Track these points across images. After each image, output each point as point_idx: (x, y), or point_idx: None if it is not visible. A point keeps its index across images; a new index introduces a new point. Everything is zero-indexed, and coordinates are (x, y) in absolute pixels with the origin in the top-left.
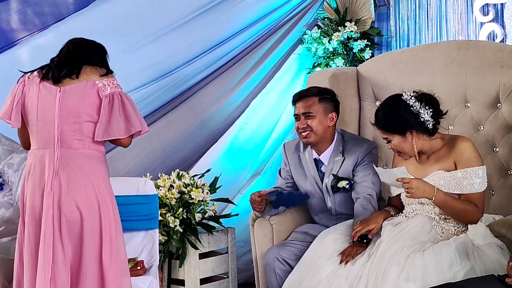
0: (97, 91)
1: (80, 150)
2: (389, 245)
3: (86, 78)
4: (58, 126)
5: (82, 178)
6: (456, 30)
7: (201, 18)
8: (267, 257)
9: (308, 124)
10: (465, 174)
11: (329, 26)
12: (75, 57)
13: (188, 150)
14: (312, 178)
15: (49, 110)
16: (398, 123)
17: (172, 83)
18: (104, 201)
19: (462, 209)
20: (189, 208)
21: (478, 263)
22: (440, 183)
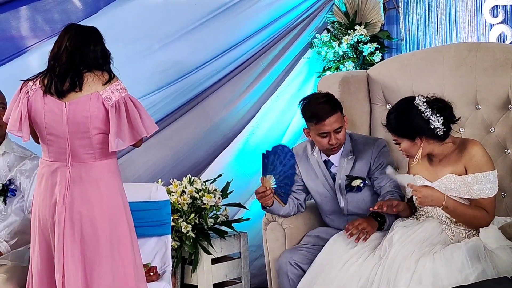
0: (102, 102)
1: (92, 162)
2: (399, 249)
3: (89, 90)
4: (68, 141)
5: (95, 191)
6: (466, 32)
7: (210, 24)
8: (279, 261)
9: (338, 138)
10: (475, 179)
11: (339, 30)
12: (74, 63)
13: (198, 156)
14: (324, 178)
15: (57, 125)
16: (408, 128)
17: (181, 90)
18: (117, 212)
19: (472, 215)
20: (201, 213)
21: (490, 266)
22: (450, 187)
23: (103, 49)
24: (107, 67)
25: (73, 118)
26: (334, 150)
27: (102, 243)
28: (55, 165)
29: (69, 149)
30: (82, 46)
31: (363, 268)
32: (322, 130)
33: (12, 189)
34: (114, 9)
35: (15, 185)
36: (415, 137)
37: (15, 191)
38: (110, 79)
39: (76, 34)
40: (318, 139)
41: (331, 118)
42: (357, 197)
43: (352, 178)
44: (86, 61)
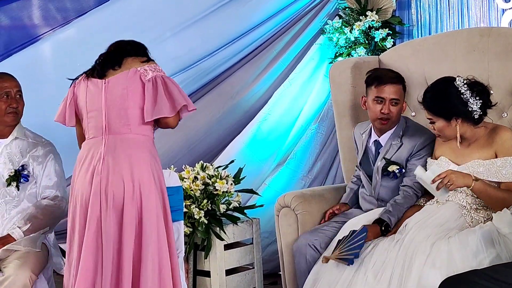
0: (140, 76)
1: (127, 135)
2: (416, 233)
3: (128, 67)
4: (105, 114)
5: (126, 163)
6: (478, 18)
7: (221, 11)
8: (299, 243)
9: (391, 110)
10: (505, 163)
11: (350, 16)
12: (116, 53)
13: (211, 142)
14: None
15: (96, 101)
16: (446, 107)
17: (192, 77)
18: (144, 186)
19: (501, 197)
20: (214, 199)
21: (504, 250)
22: (479, 170)
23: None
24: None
25: (111, 91)
26: (384, 123)
27: (126, 216)
28: (92, 141)
29: (105, 122)
30: (126, 46)
31: (377, 250)
32: (380, 94)
33: (25, 175)
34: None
35: (27, 171)
36: (452, 117)
37: (27, 177)
38: (148, 60)
39: (122, 41)
40: (373, 105)
41: (392, 86)
42: (391, 184)
43: (390, 162)
44: (128, 52)
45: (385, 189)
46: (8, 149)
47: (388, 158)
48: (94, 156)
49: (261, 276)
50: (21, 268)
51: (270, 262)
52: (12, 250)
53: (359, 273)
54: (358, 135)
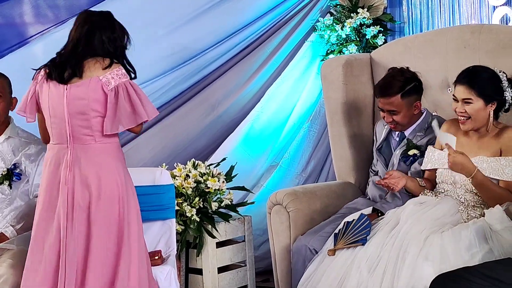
0: (102, 87)
1: (92, 144)
2: (410, 227)
3: (90, 75)
4: (68, 123)
5: (93, 172)
6: (469, 14)
7: (214, 9)
8: (297, 245)
9: (393, 119)
10: (508, 162)
11: (342, 13)
12: (77, 52)
13: (204, 141)
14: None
15: (59, 107)
16: (491, 88)
17: (186, 73)
18: (115, 194)
19: (499, 193)
20: (206, 197)
21: (497, 245)
22: (482, 166)
23: (111, 36)
24: (114, 53)
25: (72, 100)
26: (393, 127)
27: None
28: (58, 147)
29: (69, 131)
30: (88, 34)
31: (371, 244)
32: (379, 105)
33: (17, 173)
34: None
35: (20, 169)
36: (490, 101)
37: (20, 175)
38: (111, 64)
39: (83, 22)
40: (380, 112)
41: (386, 99)
42: (404, 170)
43: (411, 146)
44: (90, 49)
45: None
46: (0, 148)
47: (411, 140)
48: (61, 163)
49: (253, 274)
50: (14, 267)
51: (264, 260)
52: (5, 249)
53: (352, 267)
54: (381, 127)
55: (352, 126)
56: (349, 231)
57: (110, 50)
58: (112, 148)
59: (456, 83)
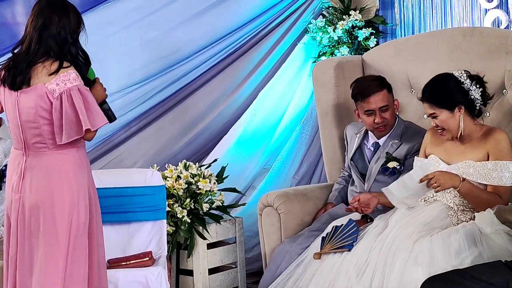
0: (47, 95)
1: (46, 152)
2: (399, 231)
3: (36, 81)
4: (21, 131)
5: (45, 180)
6: (461, 17)
7: (208, 12)
8: (280, 248)
9: (385, 117)
10: (495, 166)
11: (334, 15)
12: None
13: (198, 144)
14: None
15: (13, 115)
16: (449, 97)
17: (179, 75)
18: (67, 201)
19: (486, 199)
20: (197, 198)
21: (486, 249)
22: (469, 171)
23: (64, 33)
24: (66, 55)
25: (22, 108)
26: (381, 130)
27: (49, 233)
28: (16, 152)
29: (23, 138)
30: (41, 30)
31: (359, 248)
32: (367, 107)
33: None
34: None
35: None
36: (455, 106)
37: None
38: (58, 70)
39: (40, 14)
40: (365, 118)
41: (376, 95)
42: (385, 180)
43: (391, 158)
44: (41, 49)
45: (379, 184)
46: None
47: (390, 153)
48: (16, 170)
49: (244, 275)
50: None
51: (256, 262)
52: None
53: (341, 272)
54: (351, 134)
55: (343, 128)
56: (336, 236)
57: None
58: (67, 153)
59: (421, 101)
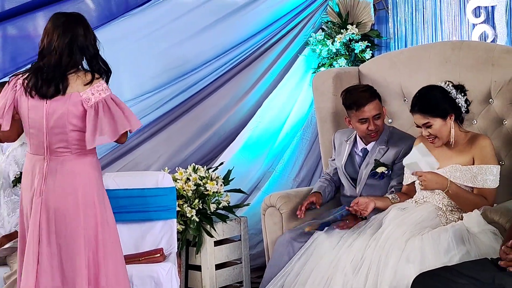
0: (81, 103)
1: (68, 156)
2: (393, 231)
3: (70, 91)
4: (46, 136)
5: (68, 183)
6: (450, 31)
7: (216, 25)
8: (281, 239)
9: (377, 124)
10: (480, 170)
11: (332, 29)
12: (61, 66)
13: (206, 149)
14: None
15: (38, 121)
16: (441, 106)
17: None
18: (89, 202)
19: (472, 200)
20: (205, 199)
21: (473, 248)
22: (456, 174)
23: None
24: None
25: (52, 114)
26: (373, 136)
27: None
28: (35, 157)
29: (46, 143)
30: (70, 45)
31: (355, 246)
32: (362, 116)
33: None
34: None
35: None
36: (447, 114)
37: None
38: (92, 80)
39: (64, 32)
40: (358, 125)
41: (370, 105)
42: (375, 183)
43: (379, 164)
44: (72, 61)
45: (369, 188)
46: (15, 152)
47: (378, 160)
48: (36, 174)
49: (248, 270)
50: None
51: (259, 258)
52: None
53: (338, 268)
54: (340, 141)
55: None
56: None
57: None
58: (88, 160)
59: (411, 112)
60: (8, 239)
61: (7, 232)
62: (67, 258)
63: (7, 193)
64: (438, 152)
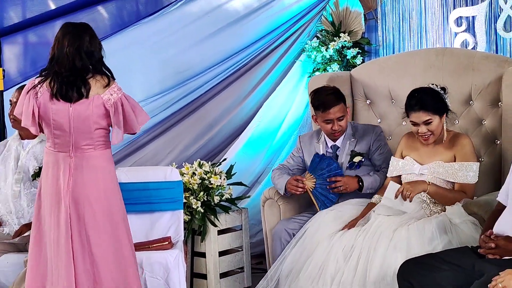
0: (103, 104)
1: (91, 153)
2: (381, 222)
3: (92, 94)
4: (73, 136)
5: (93, 177)
6: (434, 39)
7: (218, 34)
8: (276, 228)
9: (341, 125)
10: (461, 167)
11: (326, 37)
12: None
13: (211, 146)
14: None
15: (64, 123)
16: (440, 105)
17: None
18: (112, 194)
19: (452, 197)
20: (209, 192)
21: (455, 237)
22: (439, 170)
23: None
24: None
25: (77, 117)
26: (336, 135)
27: (101, 223)
28: (59, 154)
29: (72, 142)
30: (79, 50)
31: (346, 236)
32: (327, 117)
33: None
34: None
35: None
36: (443, 113)
37: None
38: (109, 82)
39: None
40: (323, 124)
41: (335, 108)
42: (353, 173)
43: (355, 154)
44: (86, 67)
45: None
46: (34, 149)
47: (354, 150)
48: (60, 171)
49: (248, 257)
50: None
51: (259, 245)
52: None
53: (330, 256)
54: (310, 144)
55: None
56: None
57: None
58: (107, 154)
59: (410, 111)
60: (28, 227)
61: (27, 222)
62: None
63: (27, 186)
64: (423, 150)
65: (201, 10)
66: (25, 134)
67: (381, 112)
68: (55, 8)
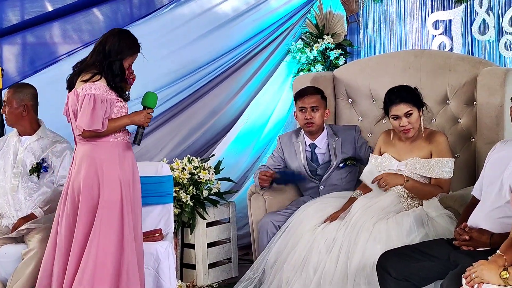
0: (77, 97)
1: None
2: (361, 215)
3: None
4: (72, 126)
5: (87, 163)
6: (413, 41)
7: (210, 35)
8: (262, 220)
9: (313, 115)
10: (437, 163)
11: (310, 39)
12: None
13: (201, 143)
14: (305, 160)
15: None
16: (417, 98)
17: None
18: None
19: (428, 191)
20: (198, 186)
21: (431, 230)
22: (416, 166)
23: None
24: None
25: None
26: (309, 126)
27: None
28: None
29: (73, 132)
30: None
31: (328, 229)
32: (301, 104)
33: (44, 167)
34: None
35: (47, 163)
36: (421, 107)
37: (47, 168)
38: (88, 80)
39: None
40: (299, 114)
41: (310, 97)
42: (341, 171)
43: (349, 158)
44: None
45: (336, 175)
46: (32, 145)
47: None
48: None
49: (236, 248)
50: (42, 241)
51: (246, 237)
52: (34, 228)
53: (313, 248)
54: (290, 143)
55: None
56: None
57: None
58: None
59: (392, 104)
60: (25, 220)
61: (24, 215)
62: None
63: (24, 180)
64: (400, 146)
65: (192, 12)
66: (23, 131)
67: (362, 111)
68: (52, 10)
